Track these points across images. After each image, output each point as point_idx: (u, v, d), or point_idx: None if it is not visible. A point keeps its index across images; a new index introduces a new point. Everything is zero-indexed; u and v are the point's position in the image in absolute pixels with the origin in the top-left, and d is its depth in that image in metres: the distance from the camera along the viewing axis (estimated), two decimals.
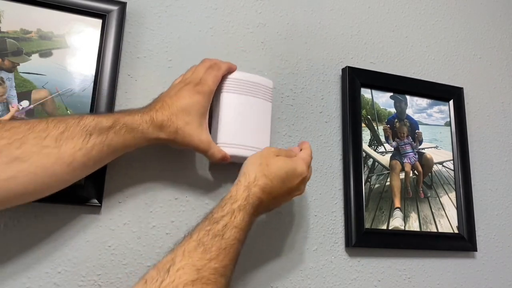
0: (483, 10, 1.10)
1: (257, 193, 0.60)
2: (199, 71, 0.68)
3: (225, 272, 0.53)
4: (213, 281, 0.51)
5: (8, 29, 0.67)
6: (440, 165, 0.93)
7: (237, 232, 0.55)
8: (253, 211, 0.59)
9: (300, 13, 0.89)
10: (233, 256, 0.55)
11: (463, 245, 0.89)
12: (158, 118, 0.61)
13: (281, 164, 0.63)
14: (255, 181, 0.60)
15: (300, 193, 0.68)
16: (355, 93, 0.87)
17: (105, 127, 0.56)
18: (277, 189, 0.62)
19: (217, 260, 0.52)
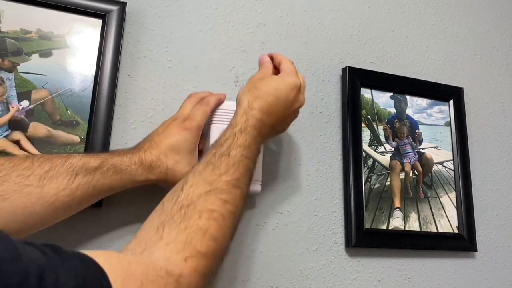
0: (483, 10, 1.10)
1: (255, 115, 0.59)
2: (186, 106, 0.66)
3: (238, 184, 0.53)
4: (227, 191, 0.51)
5: (8, 29, 0.67)
6: (440, 165, 0.93)
7: (243, 150, 0.55)
8: (256, 133, 0.58)
9: (300, 13, 0.89)
10: (243, 171, 0.54)
11: (463, 245, 0.89)
12: (147, 158, 0.60)
13: (270, 82, 0.63)
14: (250, 105, 0.59)
15: (301, 104, 0.66)
16: (355, 93, 0.87)
17: (92, 168, 0.55)
18: (275, 107, 0.61)
19: (228, 174, 0.52)
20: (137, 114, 0.73)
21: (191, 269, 0.43)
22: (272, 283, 0.74)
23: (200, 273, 0.44)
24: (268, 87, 0.62)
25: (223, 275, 0.72)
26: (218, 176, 0.52)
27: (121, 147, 0.70)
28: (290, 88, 0.63)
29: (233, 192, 0.52)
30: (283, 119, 0.65)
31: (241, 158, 0.54)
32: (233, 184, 0.52)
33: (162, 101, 0.75)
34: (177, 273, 0.42)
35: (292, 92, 0.63)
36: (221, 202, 0.50)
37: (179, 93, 0.76)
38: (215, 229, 0.47)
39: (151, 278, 0.39)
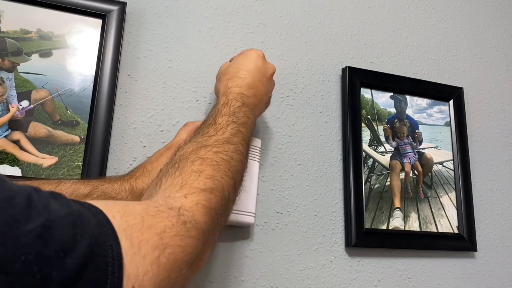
0: (483, 10, 1.10)
1: (234, 90, 0.60)
2: (181, 135, 0.67)
3: (229, 141, 0.53)
4: (218, 145, 0.51)
5: (8, 29, 0.67)
6: (440, 165, 0.93)
7: (229, 117, 0.56)
8: (240, 104, 0.59)
9: (300, 13, 0.89)
10: (233, 132, 0.54)
11: (463, 245, 0.89)
12: (138, 186, 0.60)
13: (234, 64, 0.65)
14: (226, 87, 0.61)
15: (273, 70, 0.68)
16: (355, 93, 0.87)
17: (82, 195, 0.54)
18: (250, 78, 0.63)
19: (217, 135, 0.52)
20: (137, 114, 0.73)
21: (192, 202, 0.42)
22: (272, 283, 0.74)
23: (204, 206, 0.43)
24: (235, 67, 0.64)
25: (223, 275, 0.72)
26: (207, 137, 0.52)
27: (121, 147, 0.71)
28: (255, 58, 0.65)
29: (225, 146, 0.52)
30: (263, 87, 0.65)
31: (228, 123, 0.55)
32: (224, 141, 0.52)
33: (162, 101, 0.75)
34: (178, 206, 0.40)
35: (258, 60, 0.65)
36: (212, 153, 0.49)
37: (179, 93, 0.76)
38: (210, 171, 0.47)
39: (151, 213, 0.37)
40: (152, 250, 0.34)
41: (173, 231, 0.37)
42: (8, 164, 0.64)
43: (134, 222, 0.34)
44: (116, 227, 0.33)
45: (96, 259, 0.30)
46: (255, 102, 0.63)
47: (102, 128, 0.68)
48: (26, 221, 0.28)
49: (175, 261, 0.36)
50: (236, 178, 0.51)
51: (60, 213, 0.30)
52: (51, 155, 0.66)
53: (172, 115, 0.75)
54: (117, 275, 0.30)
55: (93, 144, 0.67)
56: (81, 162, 0.66)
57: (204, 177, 0.45)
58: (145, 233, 0.35)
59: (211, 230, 0.44)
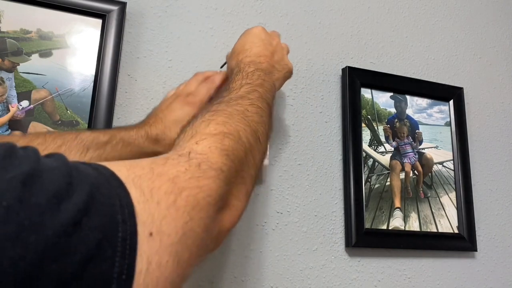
0: (483, 10, 1.10)
1: (245, 60, 0.60)
2: (191, 84, 0.68)
3: (243, 96, 0.51)
4: (232, 101, 0.49)
5: (8, 29, 0.67)
6: (440, 165, 0.93)
7: (242, 80, 0.54)
8: (253, 69, 0.58)
9: (300, 13, 0.89)
10: (247, 89, 0.52)
11: (463, 245, 0.89)
12: (153, 132, 0.61)
13: (240, 41, 0.65)
14: (238, 60, 0.61)
15: (278, 37, 0.68)
16: (355, 93, 0.87)
17: (102, 142, 0.56)
18: (258, 48, 0.63)
19: (231, 95, 0.50)
20: (137, 114, 0.73)
21: (204, 146, 0.39)
22: (272, 283, 0.74)
23: (217, 147, 0.40)
24: (240, 44, 0.65)
25: (223, 275, 0.72)
26: (220, 99, 0.50)
27: None
28: (256, 31, 0.66)
29: (239, 100, 0.49)
30: (275, 55, 0.65)
31: (242, 84, 0.53)
32: (238, 97, 0.50)
33: None
34: (188, 152, 0.38)
35: (260, 33, 0.66)
36: (224, 105, 0.47)
37: None
38: (221, 119, 0.44)
39: (160, 162, 0.34)
40: (166, 195, 0.31)
41: (187, 175, 0.35)
42: None
43: (142, 172, 0.32)
44: (123, 179, 0.30)
45: (101, 207, 0.27)
46: (268, 68, 0.62)
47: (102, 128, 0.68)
48: (5, 170, 0.25)
49: (196, 201, 0.34)
50: (254, 127, 0.48)
51: (50, 165, 0.27)
52: None
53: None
54: (128, 223, 0.28)
55: None
56: None
57: (215, 123, 0.43)
58: (156, 180, 0.32)
59: (233, 172, 0.41)
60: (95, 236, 0.26)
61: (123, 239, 0.27)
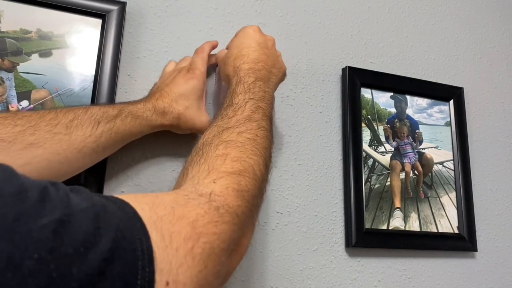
0: (483, 10, 1.10)
1: (244, 67, 0.61)
2: (185, 60, 0.72)
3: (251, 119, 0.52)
4: (240, 125, 0.50)
5: (8, 29, 0.67)
6: (440, 165, 0.93)
7: (244, 94, 0.56)
8: (253, 79, 0.59)
9: (300, 13, 0.89)
10: (252, 108, 0.54)
11: (463, 245, 0.89)
12: (160, 105, 0.63)
13: (234, 44, 0.67)
14: (235, 67, 0.62)
15: (273, 40, 0.69)
16: (355, 93, 0.87)
17: (112, 115, 0.57)
18: (255, 53, 0.63)
19: (236, 115, 0.52)
20: None
21: (222, 186, 0.40)
22: (272, 283, 0.74)
23: (234, 189, 0.41)
24: (236, 47, 0.65)
25: None
26: (227, 119, 0.52)
27: None
28: (251, 34, 0.66)
29: (247, 124, 0.51)
30: (270, 59, 0.66)
31: (246, 101, 0.55)
32: (245, 120, 0.51)
33: None
34: (208, 192, 0.39)
35: (255, 35, 0.66)
36: (235, 134, 0.49)
37: None
38: (236, 153, 0.46)
39: (181, 202, 0.35)
40: (185, 242, 0.32)
41: (206, 219, 0.35)
42: None
43: (164, 213, 0.32)
44: (145, 220, 0.30)
45: (124, 254, 0.27)
46: (267, 75, 0.63)
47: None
48: (39, 216, 0.25)
49: (211, 249, 0.34)
50: (265, 155, 0.49)
51: (80, 207, 0.28)
52: None
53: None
54: (147, 270, 0.28)
55: None
56: None
57: (230, 160, 0.44)
58: (177, 224, 0.32)
59: (246, 213, 0.42)
60: (117, 285, 0.26)
61: (141, 286, 0.27)
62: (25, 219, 0.24)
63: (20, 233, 0.24)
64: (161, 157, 0.72)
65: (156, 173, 0.71)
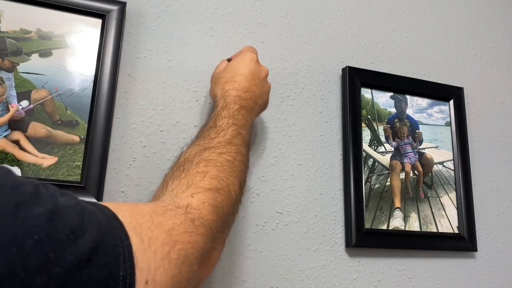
0: (483, 10, 1.10)
1: (232, 93, 0.62)
2: None
3: (231, 142, 0.55)
4: (221, 147, 0.53)
5: (8, 29, 0.67)
6: (441, 165, 0.93)
7: (228, 119, 0.58)
8: (238, 106, 0.61)
9: (300, 13, 0.89)
10: (233, 133, 0.56)
11: (463, 245, 0.89)
12: None
13: (229, 68, 0.67)
14: (223, 90, 0.63)
15: (266, 72, 0.69)
16: (355, 93, 0.87)
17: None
18: (245, 82, 0.65)
19: (219, 137, 0.55)
20: (137, 114, 0.73)
21: (199, 201, 0.43)
22: (272, 283, 0.74)
23: (210, 204, 0.44)
24: (230, 71, 0.66)
25: (223, 275, 0.72)
26: (209, 140, 0.54)
27: (121, 147, 0.70)
28: (248, 62, 0.67)
29: (227, 147, 0.54)
30: (258, 90, 0.67)
31: (229, 125, 0.57)
32: (226, 142, 0.54)
33: (162, 101, 0.75)
34: (185, 205, 0.41)
35: (251, 64, 0.67)
36: (216, 154, 0.52)
37: (179, 93, 0.76)
38: (215, 172, 0.49)
39: (159, 212, 0.38)
40: (162, 246, 0.34)
41: (182, 228, 0.38)
42: (7, 164, 0.63)
43: (143, 221, 0.35)
44: (125, 224, 0.33)
45: (107, 247, 0.30)
46: (251, 105, 0.65)
47: (102, 128, 0.68)
48: (36, 205, 0.29)
49: (185, 257, 0.37)
50: (240, 177, 0.53)
51: (67, 203, 0.31)
52: (50, 155, 0.66)
53: (172, 115, 0.75)
54: (128, 264, 0.31)
55: (93, 144, 0.67)
56: (81, 162, 0.66)
57: (209, 177, 0.47)
58: (155, 230, 0.35)
59: (219, 228, 0.45)
60: (102, 272, 0.29)
61: (124, 277, 0.30)
62: (24, 207, 0.28)
63: (21, 218, 0.27)
64: (161, 157, 0.72)
65: (156, 173, 0.71)
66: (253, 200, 0.76)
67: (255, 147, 0.79)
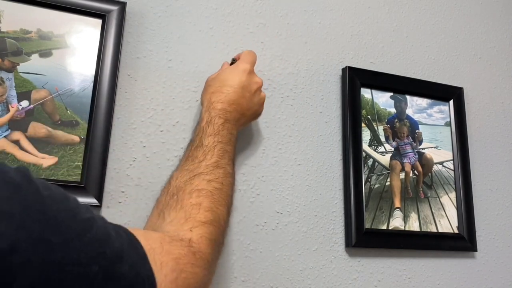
0: (483, 10, 1.10)
1: (217, 106, 0.63)
2: None
3: (218, 165, 0.58)
4: (209, 172, 0.56)
5: (8, 29, 0.67)
6: (440, 165, 0.93)
7: (214, 137, 0.59)
8: (222, 121, 0.62)
9: (300, 13, 0.89)
10: (220, 153, 0.59)
11: (463, 245, 0.89)
12: None
13: (220, 76, 0.68)
14: (209, 101, 0.64)
15: (259, 85, 0.69)
16: (355, 93, 0.87)
17: None
18: (233, 94, 0.65)
19: (206, 160, 0.57)
20: (137, 114, 0.73)
21: (198, 235, 0.48)
22: (272, 283, 0.74)
23: (207, 238, 0.49)
24: (220, 81, 0.66)
25: (223, 275, 0.72)
26: (198, 163, 0.57)
27: (121, 147, 0.71)
28: (240, 74, 0.66)
29: (215, 172, 0.56)
30: (246, 103, 0.67)
31: (215, 144, 0.59)
32: (213, 166, 0.57)
33: (162, 101, 0.75)
34: (188, 239, 0.46)
35: (243, 76, 0.66)
36: (205, 182, 0.55)
37: (179, 93, 0.76)
38: (207, 203, 0.52)
39: (167, 241, 0.43)
40: (171, 272, 0.39)
41: (186, 259, 0.43)
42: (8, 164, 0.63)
43: (155, 246, 0.40)
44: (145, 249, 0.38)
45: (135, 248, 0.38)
46: (237, 117, 0.65)
47: (102, 128, 0.68)
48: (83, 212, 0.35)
49: (188, 285, 0.42)
50: (228, 203, 0.57)
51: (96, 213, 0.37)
52: (51, 155, 0.66)
53: (172, 115, 0.75)
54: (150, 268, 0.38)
55: (93, 144, 0.67)
56: (81, 162, 0.66)
57: (203, 210, 0.52)
58: (165, 256, 0.40)
59: (214, 259, 0.50)
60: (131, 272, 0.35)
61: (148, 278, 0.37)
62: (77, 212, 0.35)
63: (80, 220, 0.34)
64: (161, 157, 0.72)
65: (156, 173, 0.71)
66: (253, 200, 0.76)
67: (255, 147, 0.79)
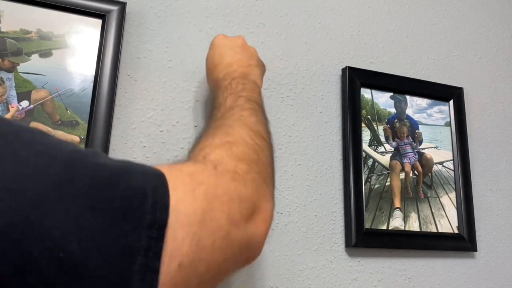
0: (483, 10, 1.10)
1: (221, 77, 0.61)
2: None
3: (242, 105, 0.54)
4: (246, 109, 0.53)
5: (8, 29, 0.67)
6: (440, 165, 0.93)
7: (228, 96, 0.56)
8: (230, 81, 0.59)
9: (300, 13, 0.89)
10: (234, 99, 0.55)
11: (463, 245, 0.89)
12: None
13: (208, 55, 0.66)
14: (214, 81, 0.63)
15: (241, 39, 0.69)
16: (355, 93, 0.87)
17: None
18: (227, 58, 0.64)
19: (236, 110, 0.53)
20: (137, 114, 0.73)
21: (218, 155, 0.43)
22: (272, 283, 0.74)
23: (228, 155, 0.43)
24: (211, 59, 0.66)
25: None
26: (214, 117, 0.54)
27: (121, 147, 0.71)
28: (219, 42, 0.67)
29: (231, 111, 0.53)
30: (245, 55, 0.66)
31: (225, 97, 0.56)
32: (229, 109, 0.54)
33: (162, 101, 0.75)
34: (202, 158, 0.42)
35: (223, 40, 0.67)
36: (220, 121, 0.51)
37: (179, 93, 0.76)
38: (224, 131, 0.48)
39: (179, 163, 0.39)
40: (183, 185, 0.34)
41: (205, 173, 0.38)
42: None
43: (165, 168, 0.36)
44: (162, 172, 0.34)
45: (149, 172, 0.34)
46: (244, 70, 0.63)
47: (102, 128, 0.68)
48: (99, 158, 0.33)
49: (214, 195, 0.36)
50: (254, 128, 0.51)
51: None
52: None
53: (172, 115, 0.75)
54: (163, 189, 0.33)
55: (93, 144, 0.67)
56: None
57: (219, 137, 0.46)
58: (174, 172, 0.35)
59: (251, 173, 0.43)
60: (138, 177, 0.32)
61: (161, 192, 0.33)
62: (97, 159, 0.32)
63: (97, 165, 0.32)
64: (161, 157, 0.72)
65: None
66: None
67: None
